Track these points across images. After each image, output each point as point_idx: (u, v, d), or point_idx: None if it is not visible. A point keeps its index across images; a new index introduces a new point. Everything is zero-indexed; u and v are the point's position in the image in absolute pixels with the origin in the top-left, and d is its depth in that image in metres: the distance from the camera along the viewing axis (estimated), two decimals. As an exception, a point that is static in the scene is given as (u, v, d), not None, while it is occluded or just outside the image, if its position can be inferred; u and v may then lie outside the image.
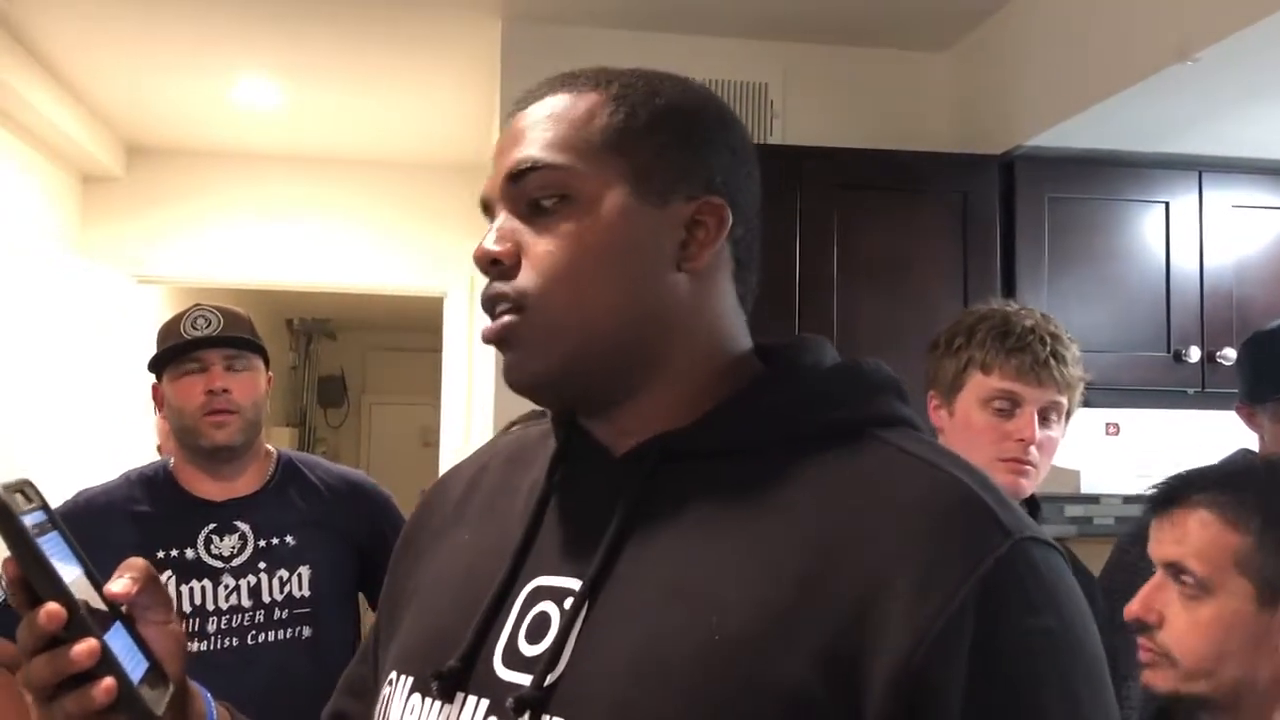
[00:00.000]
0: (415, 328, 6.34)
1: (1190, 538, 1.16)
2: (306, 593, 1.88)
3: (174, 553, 1.82)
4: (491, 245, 0.74)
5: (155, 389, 1.93)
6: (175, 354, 1.85)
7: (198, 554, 1.84)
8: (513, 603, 0.73)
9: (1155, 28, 2.13)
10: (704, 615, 0.65)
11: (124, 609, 0.74)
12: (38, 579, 0.68)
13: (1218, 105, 2.29)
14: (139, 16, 2.90)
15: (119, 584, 0.73)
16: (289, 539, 1.89)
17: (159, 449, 2.68)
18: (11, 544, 0.68)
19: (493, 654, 0.72)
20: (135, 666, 0.71)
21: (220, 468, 1.89)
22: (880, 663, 0.61)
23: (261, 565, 1.86)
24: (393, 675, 0.79)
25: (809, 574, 0.64)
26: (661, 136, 0.74)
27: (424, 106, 3.57)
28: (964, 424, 1.58)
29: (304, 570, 1.88)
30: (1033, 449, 1.53)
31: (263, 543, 1.88)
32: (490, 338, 0.75)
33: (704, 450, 0.72)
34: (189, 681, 0.79)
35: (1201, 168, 2.57)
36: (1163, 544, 1.20)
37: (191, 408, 1.84)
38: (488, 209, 0.77)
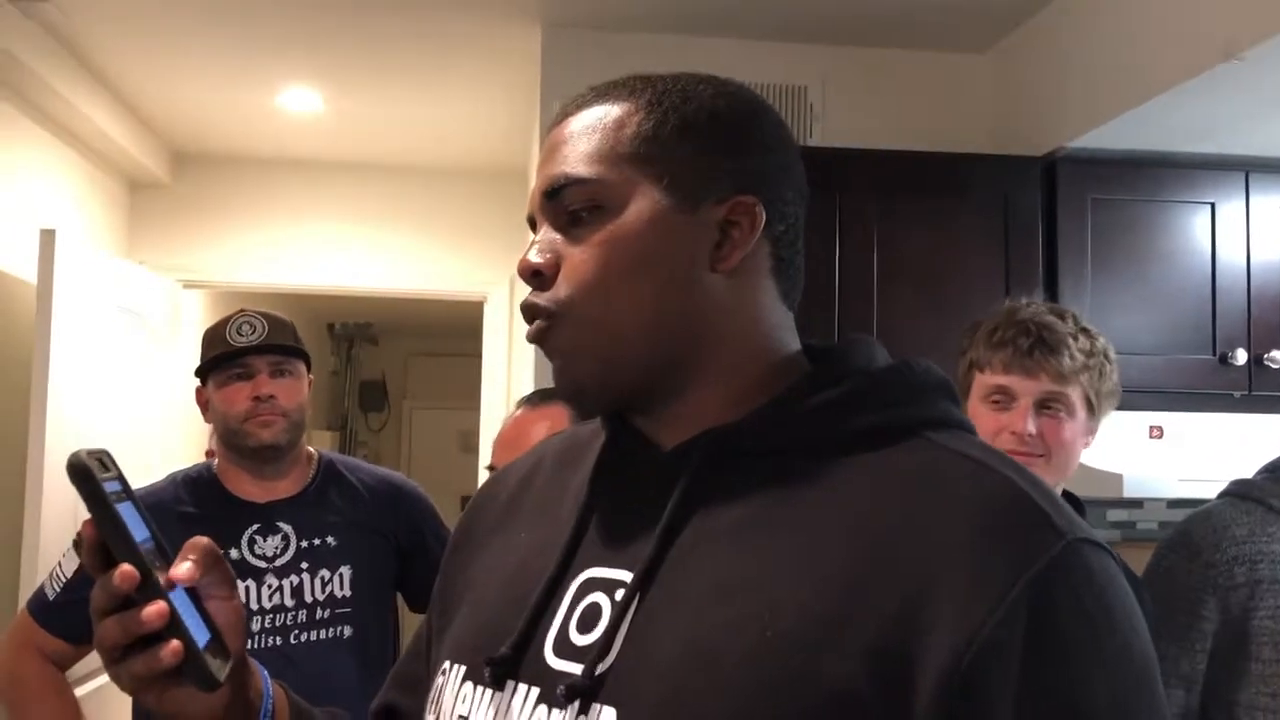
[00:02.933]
0: (456, 333, 6.38)
1: None
2: (348, 592, 1.90)
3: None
4: (533, 257, 0.76)
5: (200, 393, 1.96)
6: (221, 362, 1.88)
7: (242, 554, 1.86)
8: (564, 593, 0.75)
9: (1199, 27, 2.11)
10: (755, 611, 0.65)
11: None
12: (114, 541, 0.71)
13: (1265, 104, 2.25)
14: (187, 28, 2.95)
15: (184, 567, 0.75)
16: (330, 539, 1.92)
17: (208, 454, 2.72)
18: (91, 507, 0.71)
19: (544, 643, 0.73)
20: (199, 635, 0.73)
21: (264, 468, 1.92)
22: (931, 662, 0.61)
23: (304, 565, 1.88)
24: (446, 665, 0.80)
25: (859, 573, 0.64)
26: (691, 141, 0.75)
27: (465, 112, 3.59)
28: (973, 423, 1.58)
29: (345, 570, 1.90)
30: (1031, 439, 1.53)
31: (305, 543, 1.90)
32: (532, 338, 0.77)
33: (752, 447, 0.73)
34: (247, 657, 0.81)
35: (1249, 168, 2.53)
36: None
37: (238, 413, 1.87)
38: (532, 223, 0.79)
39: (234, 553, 1.86)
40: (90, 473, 0.71)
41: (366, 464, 2.13)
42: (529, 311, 0.76)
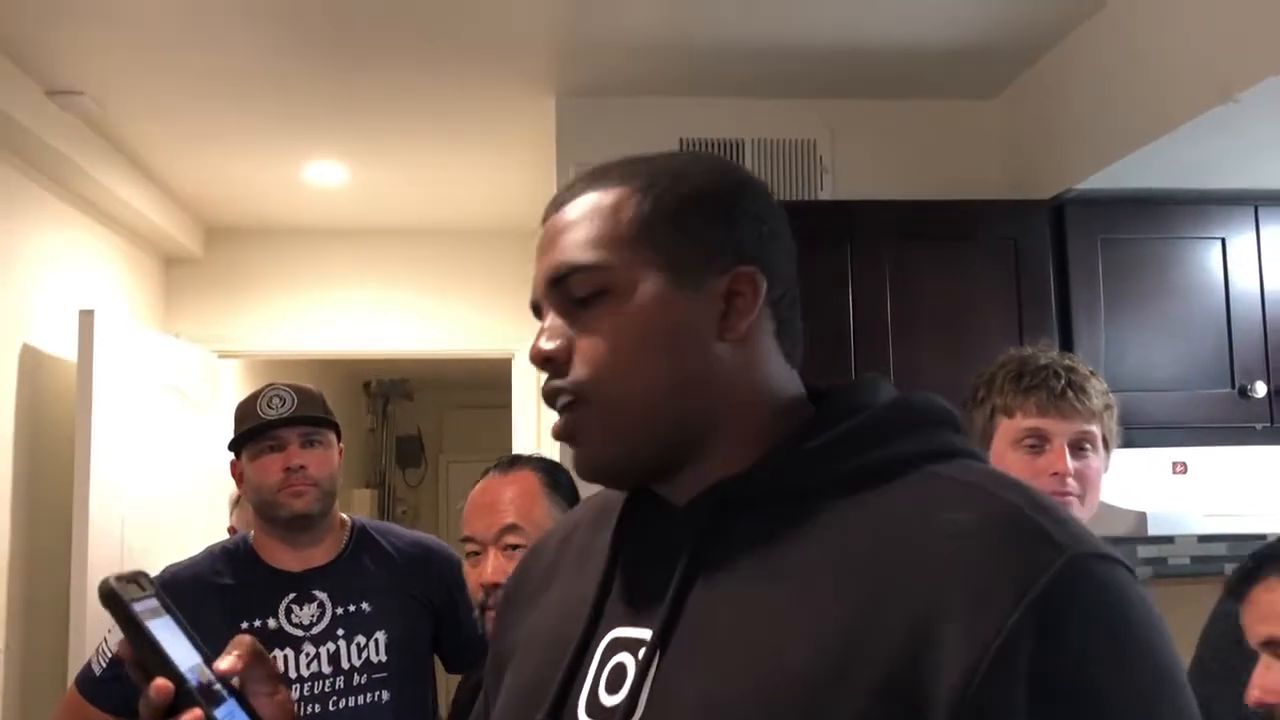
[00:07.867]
0: (490, 385, 6.43)
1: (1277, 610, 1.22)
2: (384, 657, 1.93)
3: (257, 623, 1.89)
4: (544, 344, 0.78)
5: (234, 466, 2.01)
6: (253, 435, 1.95)
7: (279, 624, 1.90)
8: (593, 654, 0.77)
9: (1197, 70, 2.14)
10: (766, 659, 0.67)
11: (235, 683, 0.82)
12: (148, 659, 0.78)
13: (1267, 142, 2.27)
14: (215, 111, 3.05)
15: (226, 661, 0.80)
16: (365, 605, 1.95)
17: (230, 530, 2.79)
18: (125, 628, 0.78)
19: (577, 705, 0.76)
20: None
21: (297, 537, 1.96)
22: (939, 694, 0.61)
23: (340, 632, 1.92)
24: None
25: (864, 609, 0.65)
26: (689, 220, 0.77)
27: (484, 178, 3.67)
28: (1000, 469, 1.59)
29: (380, 635, 1.94)
30: (1070, 480, 1.55)
31: (340, 610, 1.93)
32: (558, 434, 0.79)
33: (755, 495, 0.75)
34: None
35: (1258, 201, 2.55)
36: (1253, 627, 1.25)
37: (270, 484, 1.92)
38: (536, 310, 0.81)
39: (271, 622, 1.90)
40: (118, 597, 0.78)
41: (398, 527, 2.17)
42: (551, 395, 0.78)
